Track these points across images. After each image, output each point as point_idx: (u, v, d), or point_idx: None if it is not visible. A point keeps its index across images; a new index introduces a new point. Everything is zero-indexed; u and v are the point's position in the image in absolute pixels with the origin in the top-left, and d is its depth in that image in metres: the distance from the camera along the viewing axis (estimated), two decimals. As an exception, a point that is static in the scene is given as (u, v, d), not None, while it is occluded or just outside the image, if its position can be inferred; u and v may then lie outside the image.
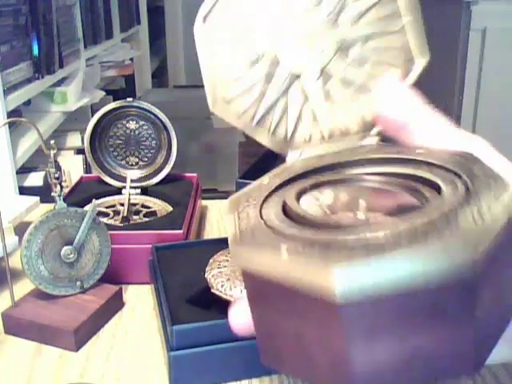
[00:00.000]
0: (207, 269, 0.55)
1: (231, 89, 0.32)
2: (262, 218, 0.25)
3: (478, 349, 0.19)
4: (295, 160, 0.32)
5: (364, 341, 0.18)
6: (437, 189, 0.24)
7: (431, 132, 0.28)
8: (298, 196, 0.26)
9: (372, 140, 0.32)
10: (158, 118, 0.74)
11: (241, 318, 0.24)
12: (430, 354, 0.19)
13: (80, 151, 1.57)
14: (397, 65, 0.31)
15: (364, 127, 0.32)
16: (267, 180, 0.29)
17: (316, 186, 0.28)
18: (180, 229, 0.63)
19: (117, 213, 0.72)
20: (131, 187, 0.74)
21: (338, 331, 0.18)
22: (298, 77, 0.32)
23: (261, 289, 0.21)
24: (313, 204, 0.27)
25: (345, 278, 0.17)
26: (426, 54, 0.31)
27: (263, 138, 0.34)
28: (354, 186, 0.28)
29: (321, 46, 0.31)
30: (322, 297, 0.17)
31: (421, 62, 0.31)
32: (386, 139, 0.31)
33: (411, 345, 0.18)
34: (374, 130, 0.32)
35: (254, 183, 0.29)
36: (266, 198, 0.27)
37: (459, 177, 0.24)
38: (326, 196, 0.28)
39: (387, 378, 0.19)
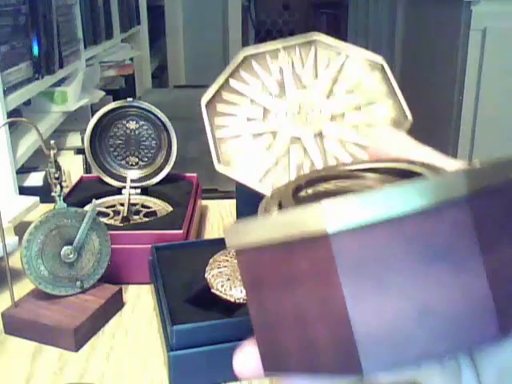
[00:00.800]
0: (207, 269, 0.55)
1: (236, 156, 0.35)
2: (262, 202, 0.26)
3: (502, 304, 0.17)
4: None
5: (363, 293, 0.17)
6: None
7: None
8: (294, 193, 0.27)
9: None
10: (158, 117, 0.74)
11: (247, 366, 0.24)
12: (442, 312, 0.17)
13: (80, 151, 1.57)
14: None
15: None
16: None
17: (311, 183, 0.28)
18: (180, 229, 0.63)
19: (117, 213, 0.72)
20: (131, 187, 0.74)
21: (335, 277, 0.17)
22: (298, 139, 0.35)
23: (256, 265, 0.20)
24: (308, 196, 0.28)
25: (334, 209, 0.16)
26: (409, 117, 0.34)
27: (266, 191, 0.37)
28: (350, 181, 0.28)
29: (317, 115, 0.34)
30: (314, 234, 0.17)
31: (406, 124, 0.35)
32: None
33: (418, 299, 0.17)
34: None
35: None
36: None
37: None
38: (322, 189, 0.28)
39: (397, 341, 0.17)
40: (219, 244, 0.60)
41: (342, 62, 0.34)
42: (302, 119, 0.34)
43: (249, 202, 0.68)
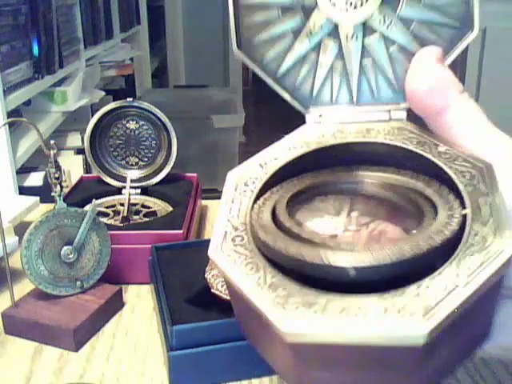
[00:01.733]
0: (207, 269, 0.55)
1: (260, 32, 0.30)
2: (252, 215, 0.25)
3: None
4: (306, 132, 0.30)
5: (316, 369, 0.21)
6: (435, 207, 0.24)
7: (465, 126, 0.26)
8: (291, 200, 0.26)
9: (400, 114, 0.30)
10: (158, 117, 0.74)
11: None
12: None
13: (80, 151, 1.57)
14: (441, 34, 0.29)
15: (395, 95, 0.30)
16: (268, 160, 0.28)
17: (310, 195, 0.28)
18: (180, 229, 0.63)
19: (117, 213, 0.72)
20: (131, 187, 0.74)
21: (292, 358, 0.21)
22: (335, 27, 0.29)
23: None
24: (306, 209, 0.27)
25: (295, 329, 0.20)
26: (476, 28, 0.28)
27: (286, 92, 0.31)
28: (351, 194, 0.28)
29: None
30: (278, 333, 0.20)
31: (468, 36, 0.29)
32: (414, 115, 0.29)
33: (361, 378, 0.20)
34: (404, 105, 0.30)
35: (255, 161, 0.28)
36: (263, 187, 0.27)
37: (462, 203, 0.23)
38: (318, 205, 0.28)
39: None
40: (219, 244, 0.60)
41: None
42: None
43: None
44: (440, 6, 0.28)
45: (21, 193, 1.12)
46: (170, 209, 0.72)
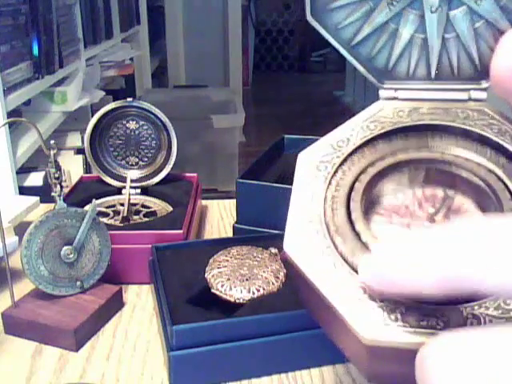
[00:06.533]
0: (207, 269, 0.55)
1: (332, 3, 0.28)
2: (326, 209, 0.24)
3: None
4: (382, 107, 0.28)
5: (390, 364, 0.21)
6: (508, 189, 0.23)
7: None
8: (370, 182, 0.25)
9: (481, 95, 0.28)
10: (158, 117, 0.74)
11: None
12: None
13: (80, 151, 1.57)
14: None
15: (477, 72, 0.28)
16: (341, 140, 0.26)
17: (385, 169, 0.26)
18: (180, 229, 0.63)
19: (117, 213, 0.72)
20: (131, 187, 0.74)
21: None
22: None
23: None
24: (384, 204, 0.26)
25: (374, 335, 0.20)
26: None
27: (360, 62, 0.29)
28: (427, 164, 0.26)
29: None
30: (355, 334, 0.20)
31: None
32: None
33: None
34: (486, 84, 0.28)
35: (326, 142, 0.26)
36: (340, 165, 0.25)
37: None
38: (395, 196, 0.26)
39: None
40: (219, 244, 0.60)
41: None
42: None
43: (249, 202, 0.68)
44: None
45: (21, 193, 1.12)
46: (170, 209, 0.72)
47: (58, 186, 0.55)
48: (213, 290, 0.52)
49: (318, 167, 0.25)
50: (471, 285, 0.16)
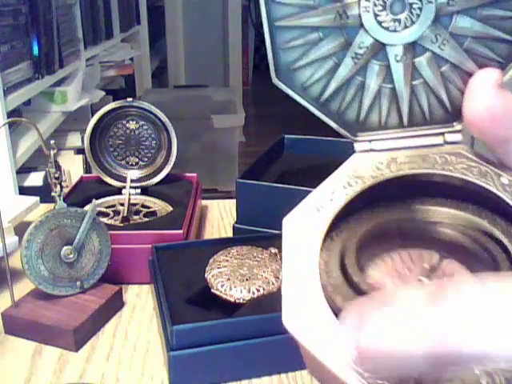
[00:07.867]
0: (207, 269, 0.55)
1: (300, 57, 0.28)
2: (320, 261, 0.24)
3: None
4: (360, 163, 0.28)
5: None
6: (507, 252, 0.23)
7: None
8: (359, 246, 0.25)
9: (455, 137, 0.28)
10: (158, 117, 0.74)
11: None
12: None
13: (80, 151, 1.57)
14: (496, 50, 0.27)
15: (449, 114, 0.28)
16: (323, 202, 0.26)
17: (382, 246, 0.26)
18: (180, 229, 0.63)
19: (117, 213, 0.72)
20: (131, 187, 0.74)
21: None
22: (382, 48, 0.27)
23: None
24: (377, 264, 0.26)
25: None
26: None
27: (330, 118, 0.29)
28: (425, 241, 0.26)
29: (416, 12, 0.26)
30: None
31: None
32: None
33: None
34: (459, 126, 0.28)
35: (310, 204, 0.26)
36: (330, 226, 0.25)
37: None
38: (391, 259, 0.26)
39: None
40: (219, 244, 0.60)
41: None
42: (394, 14, 0.26)
43: (249, 202, 0.68)
44: (496, 19, 0.26)
45: (21, 193, 1.12)
46: (170, 209, 0.72)
47: (58, 186, 0.55)
48: (213, 290, 0.52)
49: (305, 233, 0.25)
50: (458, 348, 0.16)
